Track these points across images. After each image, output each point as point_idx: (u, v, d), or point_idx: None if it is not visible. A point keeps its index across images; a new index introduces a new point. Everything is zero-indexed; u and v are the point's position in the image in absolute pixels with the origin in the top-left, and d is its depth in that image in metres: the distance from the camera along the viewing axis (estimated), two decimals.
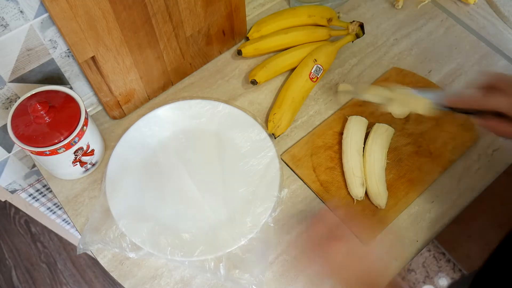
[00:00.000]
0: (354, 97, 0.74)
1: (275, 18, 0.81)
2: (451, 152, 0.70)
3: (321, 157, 0.70)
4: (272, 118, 0.72)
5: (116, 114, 0.74)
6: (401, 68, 0.79)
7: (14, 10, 0.55)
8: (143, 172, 0.69)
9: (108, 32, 0.62)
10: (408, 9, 0.89)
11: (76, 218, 0.66)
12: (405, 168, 0.69)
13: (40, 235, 1.55)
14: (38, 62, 0.63)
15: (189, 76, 0.80)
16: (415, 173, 0.68)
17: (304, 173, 0.68)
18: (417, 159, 0.70)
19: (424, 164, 0.69)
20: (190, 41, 0.74)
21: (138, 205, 0.65)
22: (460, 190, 0.68)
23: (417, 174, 0.68)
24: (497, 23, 0.87)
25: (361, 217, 0.65)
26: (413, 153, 0.70)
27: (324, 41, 0.79)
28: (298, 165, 0.69)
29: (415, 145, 0.71)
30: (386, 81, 0.77)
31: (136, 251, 0.61)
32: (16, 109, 0.60)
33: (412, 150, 0.71)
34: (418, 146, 0.71)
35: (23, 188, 0.87)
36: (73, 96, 0.62)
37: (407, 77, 0.78)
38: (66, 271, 1.49)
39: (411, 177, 0.68)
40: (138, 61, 0.69)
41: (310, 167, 0.69)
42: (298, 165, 0.69)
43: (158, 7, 0.64)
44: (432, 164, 0.69)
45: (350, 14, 0.88)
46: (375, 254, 0.59)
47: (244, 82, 0.79)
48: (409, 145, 0.71)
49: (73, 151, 0.62)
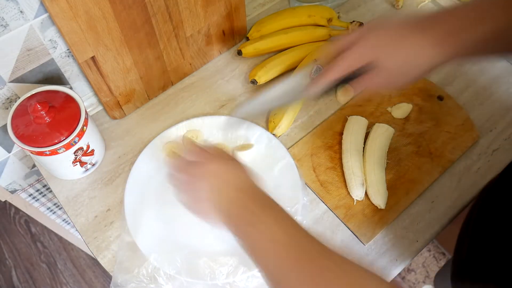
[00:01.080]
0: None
1: (275, 18, 0.81)
2: (451, 152, 0.70)
3: (321, 157, 0.70)
4: (273, 119, 0.72)
5: (116, 114, 0.74)
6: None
7: (14, 10, 0.55)
8: (161, 199, 0.66)
9: (108, 32, 0.62)
10: (408, 9, 0.89)
11: (76, 218, 0.66)
12: (405, 168, 0.69)
13: (40, 235, 1.55)
14: (38, 62, 0.63)
15: (189, 76, 0.80)
16: (415, 173, 0.68)
17: (304, 173, 0.68)
18: (417, 159, 0.70)
19: (424, 164, 0.69)
20: (190, 41, 0.74)
21: (165, 235, 0.63)
22: (460, 190, 0.68)
23: (417, 174, 0.68)
24: None
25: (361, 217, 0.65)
26: (413, 153, 0.70)
27: (324, 41, 0.79)
28: (298, 165, 0.69)
29: (415, 145, 0.71)
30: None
31: (172, 281, 0.60)
32: (16, 109, 0.60)
33: (412, 150, 0.71)
34: (418, 146, 0.71)
35: (23, 188, 0.87)
36: (73, 96, 0.62)
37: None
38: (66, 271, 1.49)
39: (411, 177, 0.68)
40: (138, 61, 0.69)
41: (310, 167, 0.69)
42: (298, 165, 0.69)
43: (158, 7, 0.64)
44: (432, 164, 0.69)
45: (350, 14, 0.88)
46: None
47: (244, 82, 0.79)
48: (409, 145, 0.71)
49: (73, 151, 0.62)
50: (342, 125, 0.72)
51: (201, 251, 0.62)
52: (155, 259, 0.60)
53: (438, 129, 0.72)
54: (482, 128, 0.73)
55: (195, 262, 0.60)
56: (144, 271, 0.60)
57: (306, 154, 0.70)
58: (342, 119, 0.73)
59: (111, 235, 0.65)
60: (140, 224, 0.63)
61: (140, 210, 0.65)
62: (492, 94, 0.77)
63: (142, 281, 0.59)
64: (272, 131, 0.71)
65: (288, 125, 0.72)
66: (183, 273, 0.60)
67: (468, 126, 0.72)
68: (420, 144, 0.71)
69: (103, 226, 0.65)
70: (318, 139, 0.72)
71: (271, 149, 0.70)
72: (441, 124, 0.73)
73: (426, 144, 0.71)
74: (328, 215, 0.66)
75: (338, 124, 0.73)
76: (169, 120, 0.74)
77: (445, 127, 0.72)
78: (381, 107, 0.75)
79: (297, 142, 0.72)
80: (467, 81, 0.79)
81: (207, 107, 0.76)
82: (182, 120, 0.72)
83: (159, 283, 0.59)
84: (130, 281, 0.60)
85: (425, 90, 0.76)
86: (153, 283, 0.60)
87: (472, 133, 0.72)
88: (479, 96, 0.77)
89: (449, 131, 0.72)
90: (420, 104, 0.75)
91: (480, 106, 0.76)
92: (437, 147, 0.71)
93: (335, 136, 0.72)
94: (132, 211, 0.64)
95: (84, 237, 0.65)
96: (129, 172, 0.67)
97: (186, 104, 0.77)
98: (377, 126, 0.70)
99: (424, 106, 0.75)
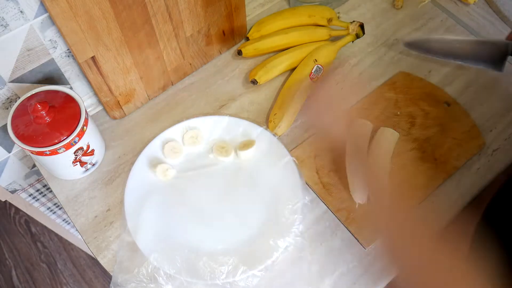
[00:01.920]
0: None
1: (275, 18, 0.81)
2: (456, 158, 0.69)
3: (325, 159, 0.70)
4: (273, 119, 0.72)
5: (116, 114, 0.74)
6: (408, 72, 0.79)
7: (14, 10, 0.55)
8: (161, 199, 0.66)
9: (108, 32, 0.62)
10: (408, 9, 0.89)
11: (76, 218, 0.66)
12: (409, 173, 0.68)
13: (40, 235, 1.55)
14: (38, 62, 0.63)
15: (189, 76, 0.80)
16: (419, 179, 0.68)
17: (307, 174, 0.68)
18: (421, 164, 0.69)
19: (428, 169, 0.68)
20: (190, 41, 0.74)
21: (165, 235, 0.63)
22: (460, 190, 0.68)
23: (421, 180, 0.68)
24: (497, 23, 0.86)
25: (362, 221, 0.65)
26: (418, 159, 0.69)
27: (324, 41, 0.79)
28: (301, 166, 0.69)
29: (420, 150, 0.70)
30: (392, 86, 0.77)
31: (172, 281, 0.60)
32: (16, 109, 0.60)
33: (417, 155, 0.70)
34: (423, 151, 0.70)
35: (23, 188, 0.87)
36: (73, 96, 0.62)
37: (414, 82, 0.77)
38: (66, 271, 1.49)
39: (415, 182, 0.67)
40: (138, 61, 0.69)
41: (314, 169, 0.69)
42: (301, 166, 0.69)
43: (158, 7, 0.64)
44: (436, 170, 0.68)
45: (350, 14, 0.88)
46: None
47: (244, 82, 0.79)
48: (413, 150, 0.70)
49: (73, 151, 0.62)
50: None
51: (201, 251, 0.62)
52: (155, 259, 0.60)
53: (444, 135, 0.72)
54: (482, 128, 0.73)
55: (195, 262, 0.60)
56: (144, 271, 0.60)
57: (309, 156, 0.70)
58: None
59: (111, 235, 0.65)
60: (140, 224, 0.63)
61: (140, 210, 0.65)
62: (492, 94, 0.77)
63: (142, 281, 0.59)
64: (273, 131, 0.71)
65: (289, 125, 0.72)
66: (183, 273, 0.60)
67: (474, 133, 0.72)
68: (425, 149, 0.70)
69: (103, 226, 0.65)
70: (322, 141, 0.72)
71: (272, 148, 0.70)
72: (447, 130, 0.72)
73: (431, 149, 0.70)
74: (328, 215, 0.66)
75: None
76: (169, 120, 0.74)
77: (451, 133, 0.72)
78: (387, 111, 0.74)
79: (301, 144, 0.72)
80: (467, 81, 0.79)
81: (207, 107, 0.76)
82: (182, 120, 0.72)
83: (159, 283, 0.59)
84: (130, 280, 0.59)
85: (432, 95, 0.76)
86: (153, 283, 0.59)
87: (478, 140, 0.71)
88: (479, 96, 0.77)
89: (455, 137, 0.71)
90: (427, 109, 0.74)
91: (480, 106, 0.75)
92: (442, 153, 0.70)
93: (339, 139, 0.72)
94: (132, 211, 0.64)
95: (84, 237, 0.65)
96: (129, 172, 0.67)
97: (186, 104, 0.77)
98: (382, 130, 0.69)
99: (431, 112, 0.74)
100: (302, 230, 0.63)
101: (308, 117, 0.67)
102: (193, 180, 0.68)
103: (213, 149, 0.71)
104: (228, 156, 0.69)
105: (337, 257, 0.63)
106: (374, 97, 0.76)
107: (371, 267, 0.62)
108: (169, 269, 0.60)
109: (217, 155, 0.70)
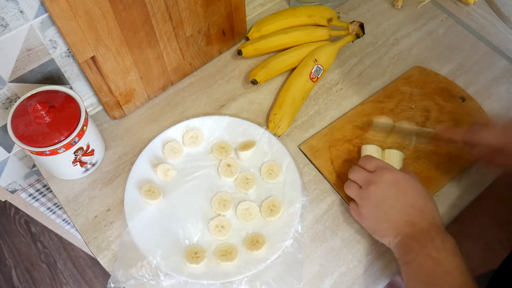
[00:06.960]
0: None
1: (275, 18, 0.81)
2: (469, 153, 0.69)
3: (340, 149, 0.71)
4: (273, 119, 0.72)
5: (116, 114, 0.74)
6: (423, 67, 0.80)
7: (14, 10, 0.55)
8: (161, 199, 0.66)
9: (108, 32, 0.62)
10: (408, 9, 0.89)
11: (76, 218, 0.66)
12: (423, 165, 0.69)
13: (40, 235, 1.55)
14: (38, 62, 0.63)
15: (189, 76, 0.80)
16: (432, 172, 0.69)
17: (322, 163, 0.69)
18: (435, 158, 0.70)
19: (442, 163, 0.69)
20: (190, 41, 0.74)
21: (165, 235, 0.63)
22: (460, 190, 0.68)
23: (434, 173, 0.69)
24: (497, 23, 0.87)
25: None
26: (431, 152, 0.70)
27: (324, 41, 0.79)
28: (316, 156, 0.70)
29: (434, 144, 0.71)
30: (408, 80, 0.78)
31: (172, 280, 0.60)
32: (16, 109, 0.60)
33: (431, 149, 0.71)
34: (437, 145, 0.71)
35: (23, 188, 0.87)
36: (73, 96, 0.62)
37: (430, 76, 0.78)
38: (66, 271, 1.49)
39: (427, 175, 0.68)
40: (138, 61, 0.69)
41: (328, 159, 0.70)
42: (316, 156, 0.70)
43: (158, 7, 0.64)
44: (449, 164, 0.69)
45: (350, 14, 0.88)
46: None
47: (244, 82, 0.79)
48: (428, 143, 0.71)
49: (73, 151, 0.62)
50: (362, 120, 0.73)
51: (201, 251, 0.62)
52: (155, 258, 0.60)
53: None
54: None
55: (194, 261, 0.60)
56: (143, 271, 0.60)
57: (324, 146, 0.71)
58: (362, 114, 0.74)
59: (111, 235, 0.65)
60: (140, 224, 0.63)
61: (140, 210, 0.65)
62: (492, 94, 0.77)
63: (142, 279, 0.60)
64: (273, 131, 0.71)
65: (288, 124, 0.72)
66: (183, 272, 0.60)
67: None
68: (439, 143, 0.71)
69: (103, 226, 0.65)
70: (337, 131, 0.72)
71: (272, 148, 0.70)
72: (461, 124, 0.73)
73: (445, 143, 0.71)
74: (328, 215, 0.66)
75: (358, 118, 0.74)
76: (169, 120, 0.74)
77: (465, 128, 0.72)
78: (402, 104, 0.75)
79: (315, 134, 0.73)
80: (467, 81, 0.79)
81: (207, 107, 0.76)
82: (182, 120, 0.72)
83: (159, 282, 0.60)
84: (130, 277, 0.60)
85: (447, 90, 0.76)
86: (153, 281, 0.60)
87: None
88: (479, 96, 0.77)
89: None
90: (442, 104, 0.75)
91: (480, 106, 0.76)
92: (455, 147, 0.70)
93: (354, 130, 0.72)
94: (132, 211, 0.64)
95: (84, 237, 0.65)
96: (129, 172, 0.67)
97: (186, 104, 0.77)
98: (388, 152, 0.68)
99: (445, 106, 0.74)
100: (302, 230, 0.63)
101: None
102: (193, 180, 0.68)
103: (213, 149, 0.71)
104: (228, 156, 0.70)
105: (337, 257, 0.63)
106: (389, 91, 0.77)
107: (371, 267, 0.62)
108: (169, 268, 0.60)
109: (217, 155, 0.70)
